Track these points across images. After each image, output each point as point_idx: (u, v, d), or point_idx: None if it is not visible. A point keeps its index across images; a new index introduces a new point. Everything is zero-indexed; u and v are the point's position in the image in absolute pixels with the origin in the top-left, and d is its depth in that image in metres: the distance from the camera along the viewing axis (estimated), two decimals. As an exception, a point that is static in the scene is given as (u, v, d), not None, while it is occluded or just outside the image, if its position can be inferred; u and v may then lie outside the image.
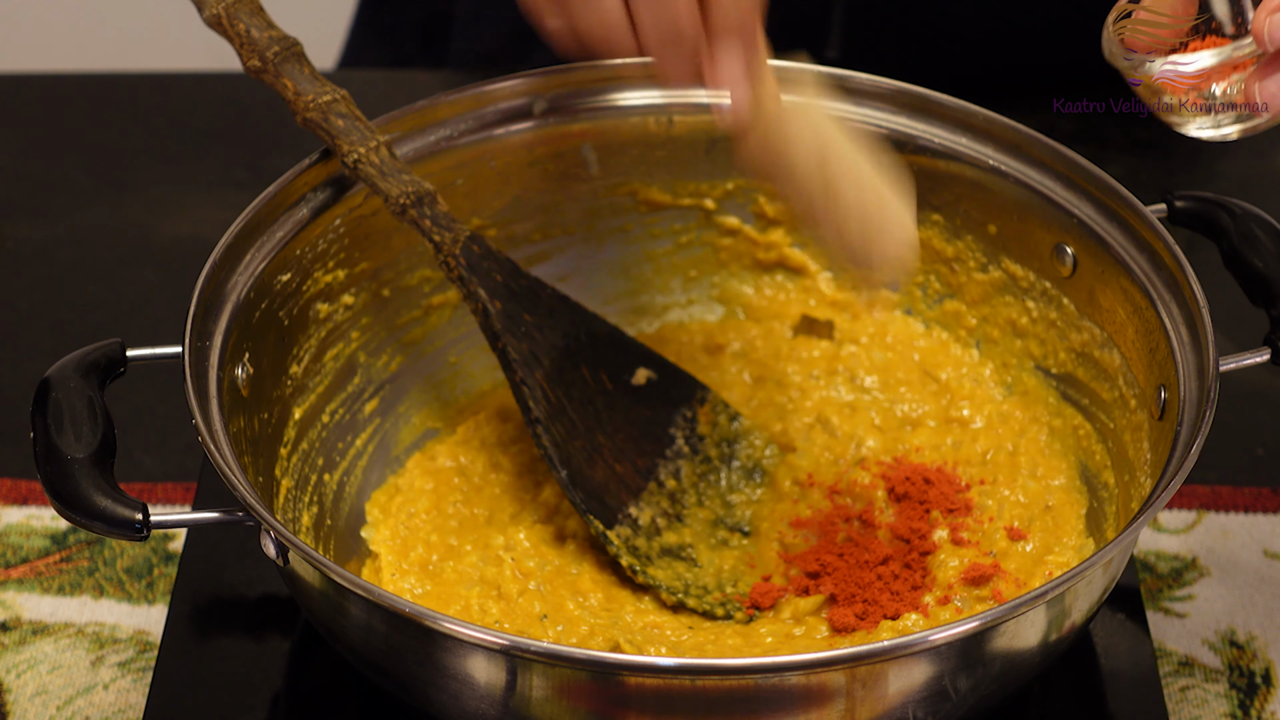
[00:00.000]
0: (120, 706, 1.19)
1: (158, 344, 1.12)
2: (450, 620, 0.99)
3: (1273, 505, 1.30)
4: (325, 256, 1.22)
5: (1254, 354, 1.13)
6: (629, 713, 1.01)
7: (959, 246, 1.28)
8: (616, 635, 1.13)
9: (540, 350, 1.20)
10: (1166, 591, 1.26)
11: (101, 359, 1.11)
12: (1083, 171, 1.21)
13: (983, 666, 1.03)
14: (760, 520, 1.23)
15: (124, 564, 1.27)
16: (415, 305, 1.28)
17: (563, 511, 1.22)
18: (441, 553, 1.19)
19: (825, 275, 1.33)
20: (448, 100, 1.25)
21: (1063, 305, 1.24)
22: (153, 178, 1.55)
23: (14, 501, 1.30)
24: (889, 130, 1.27)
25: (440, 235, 1.18)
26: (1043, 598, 1.01)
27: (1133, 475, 1.16)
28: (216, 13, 1.19)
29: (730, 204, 1.32)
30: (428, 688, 1.04)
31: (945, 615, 1.14)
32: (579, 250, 1.32)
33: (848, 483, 1.23)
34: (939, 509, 1.20)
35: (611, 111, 1.29)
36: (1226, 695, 1.20)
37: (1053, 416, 1.24)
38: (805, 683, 1.00)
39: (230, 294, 1.15)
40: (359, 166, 1.18)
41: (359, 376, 1.25)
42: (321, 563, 1.02)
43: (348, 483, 1.23)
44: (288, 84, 1.18)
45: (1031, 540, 1.18)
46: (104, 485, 1.04)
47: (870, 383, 1.29)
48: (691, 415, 1.26)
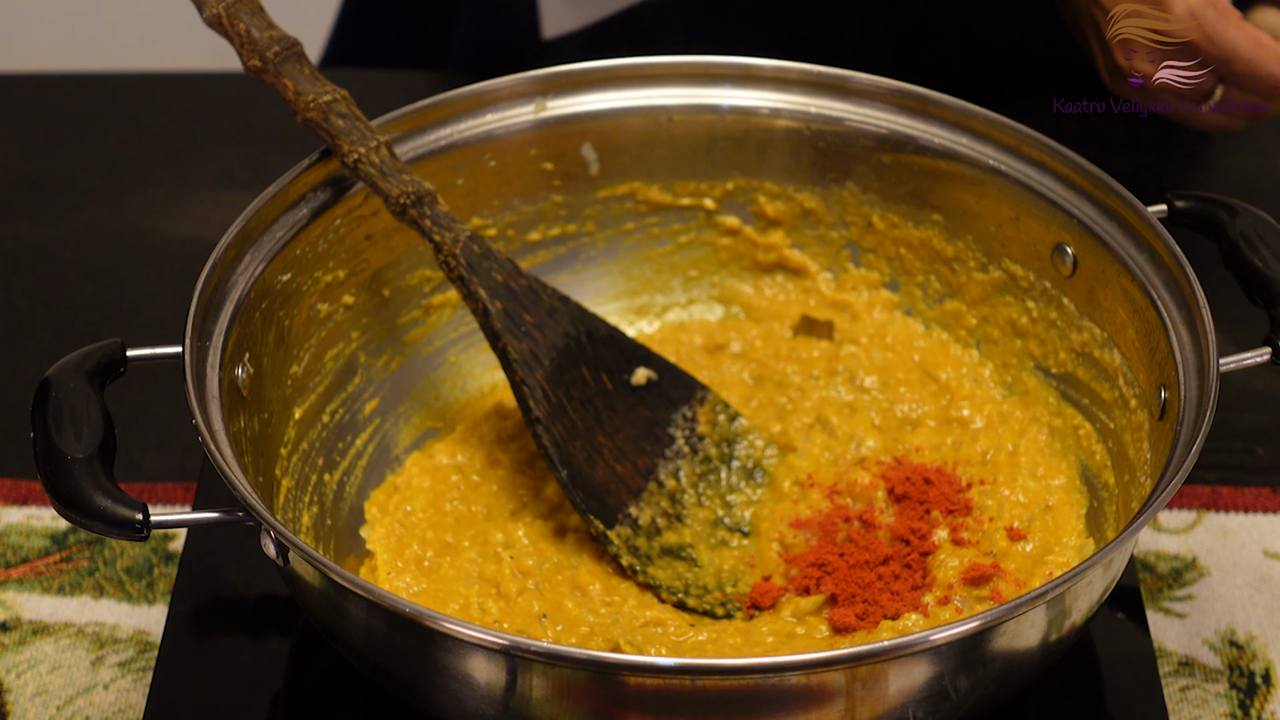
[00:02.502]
0: (120, 706, 1.19)
1: (158, 344, 1.12)
2: (450, 620, 0.99)
3: (1273, 505, 1.30)
4: (325, 256, 1.22)
5: (1254, 354, 1.13)
6: (629, 713, 1.01)
7: (959, 246, 1.28)
8: (616, 635, 1.13)
9: (540, 350, 1.20)
10: (1166, 591, 1.26)
11: (101, 359, 1.11)
12: (1083, 171, 1.21)
13: (983, 666, 1.03)
14: (760, 520, 1.23)
15: (124, 564, 1.27)
16: (415, 305, 1.28)
17: (564, 508, 1.22)
18: (438, 550, 1.19)
19: (825, 275, 1.33)
20: (448, 100, 1.25)
21: (1063, 305, 1.24)
22: (153, 178, 1.55)
23: (14, 501, 1.30)
24: (889, 130, 1.27)
25: (440, 235, 1.18)
26: (1043, 598, 1.01)
27: (1133, 475, 1.16)
28: (216, 13, 1.19)
29: (730, 204, 1.32)
30: (428, 688, 1.04)
31: (945, 615, 1.14)
32: (579, 250, 1.32)
33: (848, 483, 1.23)
34: (939, 509, 1.20)
35: (611, 111, 1.29)
36: (1226, 695, 1.20)
37: (1053, 416, 1.24)
38: (805, 683, 1.00)
39: (230, 294, 1.15)
40: (359, 166, 1.18)
41: (359, 376, 1.25)
42: (321, 562, 1.02)
43: (348, 482, 1.23)
44: (288, 84, 1.18)
45: (1031, 540, 1.18)
46: (104, 485, 1.04)
47: (870, 383, 1.29)
48: (691, 415, 1.26)
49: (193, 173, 1.55)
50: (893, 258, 1.31)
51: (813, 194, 1.31)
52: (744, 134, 1.30)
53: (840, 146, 1.29)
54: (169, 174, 1.55)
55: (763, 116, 1.29)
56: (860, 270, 1.32)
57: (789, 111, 1.29)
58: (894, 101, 1.27)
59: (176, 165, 1.56)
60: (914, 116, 1.27)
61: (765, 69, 1.29)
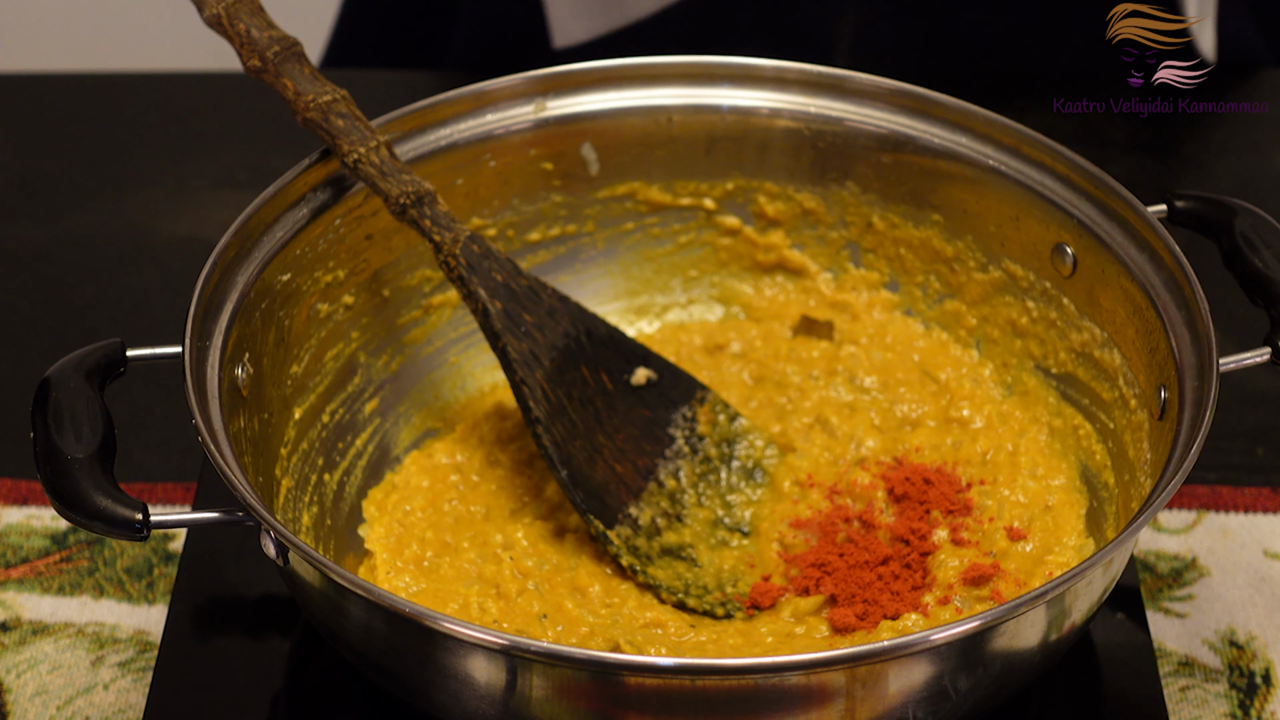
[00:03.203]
0: (120, 706, 1.19)
1: (158, 344, 1.12)
2: (450, 620, 0.99)
3: (1273, 505, 1.30)
4: (325, 256, 1.22)
5: (1254, 354, 1.13)
6: (629, 713, 1.01)
7: (959, 246, 1.28)
8: (616, 635, 1.13)
9: (540, 350, 1.20)
10: (1166, 591, 1.25)
11: (101, 359, 1.11)
12: (1083, 171, 1.21)
13: (983, 666, 1.03)
14: (760, 520, 1.23)
15: (124, 564, 1.27)
16: (415, 305, 1.28)
17: (564, 508, 1.22)
18: (437, 550, 1.19)
19: (825, 276, 1.33)
20: (448, 100, 1.25)
21: (1063, 305, 1.24)
22: (153, 178, 1.55)
23: (14, 501, 1.30)
24: (889, 130, 1.27)
25: (440, 235, 1.18)
26: (1043, 598, 1.01)
27: (1133, 475, 1.16)
28: (216, 13, 1.19)
29: (730, 204, 1.32)
30: (428, 688, 1.04)
31: (945, 615, 1.14)
32: (579, 250, 1.32)
33: (847, 483, 1.23)
34: (939, 509, 1.20)
35: (611, 111, 1.29)
36: (1226, 695, 1.20)
37: (1053, 416, 1.24)
38: (805, 683, 1.00)
39: (230, 294, 1.15)
40: (359, 166, 1.18)
41: (359, 376, 1.25)
42: (321, 562, 1.02)
43: (348, 482, 1.23)
44: (288, 84, 1.18)
45: (1031, 540, 1.18)
46: (104, 485, 1.04)
47: (870, 383, 1.29)
48: (691, 415, 1.26)
49: (193, 173, 1.55)
50: (893, 258, 1.31)
51: (813, 194, 1.31)
52: (744, 134, 1.30)
53: (840, 146, 1.29)
54: (169, 174, 1.55)
55: (762, 116, 1.29)
56: (860, 270, 1.32)
57: (789, 111, 1.29)
58: (894, 101, 1.27)
59: (176, 165, 1.56)
60: (914, 116, 1.27)
61: (765, 69, 1.29)
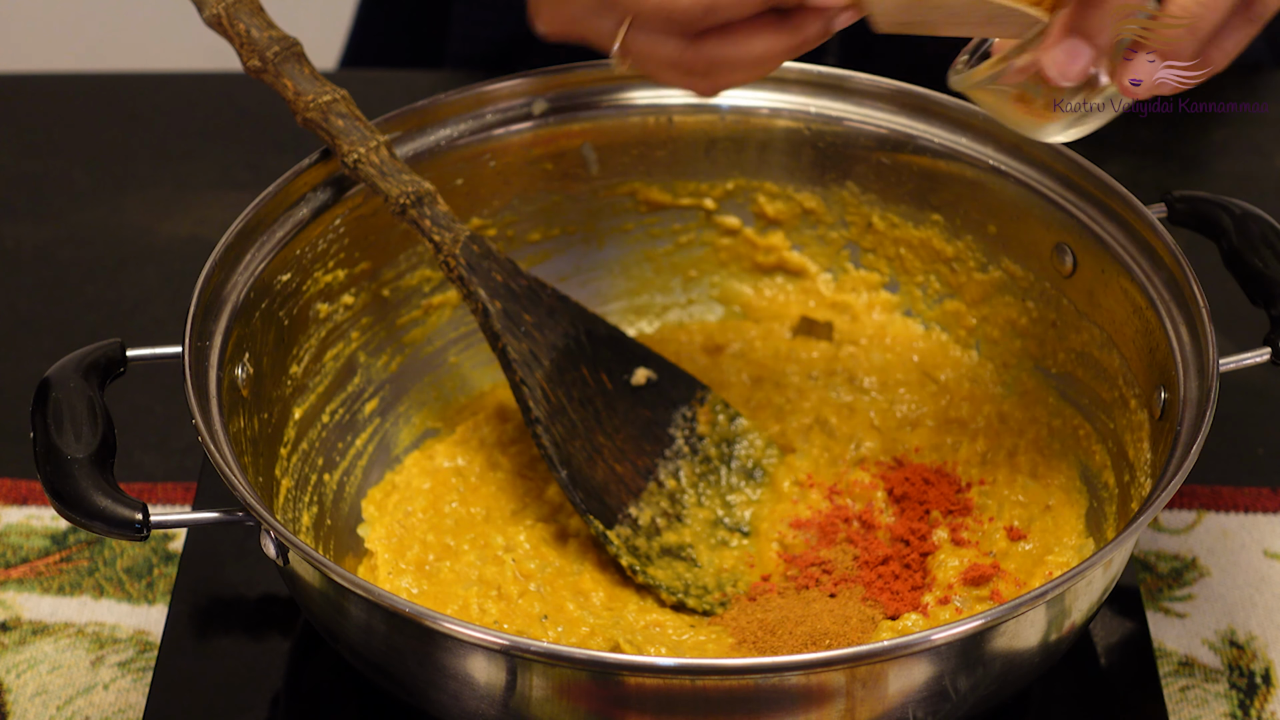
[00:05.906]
0: (120, 706, 1.19)
1: (158, 344, 1.12)
2: (450, 620, 0.99)
3: (1273, 505, 1.30)
4: (325, 256, 1.22)
5: (1254, 354, 1.13)
6: (629, 713, 1.01)
7: (959, 246, 1.28)
8: (617, 635, 1.13)
9: (540, 350, 1.20)
10: (1166, 591, 1.26)
11: (101, 359, 1.11)
12: (1083, 171, 1.21)
13: (983, 666, 1.03)
14: (760, 520, 1.23)
15: (124, 564, 1.27)
16: (415, 305, 1.28)
17: (566, 510, 1.22)
18: (438, 552, 1.19)
19: (825, 276, 1.33)
20: (448, 100, 1.25)
21: (1063, 305, 1.24)
22: (153, 178, 1.55)
23: (14, 501, 1.30)
24: (889, 130, 1.27)
25: (440, 235, 1.18)
26: (1043, 598, 1.01)
27: (1133, 475, 1.16)
28: (216, 13, 1.19)
29: (730, 204, 1.32)
30: (428, 688, 1.04)
31: (945, 615, 1.14)
32: (579, 250, 1.32)
33: (847, 483, 1.23)
34: (939, 509, 1.20)
35: (611, 111, 1.29)
36: (1226, 695, 1.20)
37: (1053, 416, 1.24)
38: (805, 683, 1.00)
39: (230, 294, 1.15)
40: (359, 166, 1.18)
41: (359, 376, 1.25)
42: (321, 563, 1.02)
43: (348, 483, 1.23)
44: (288, 84, 1.18)
45: (1031, 540, 1.18)
46: (104, 485, 1.04)
47: (869, 383, 1.29)
48: (691, 415, 1.26)
49: (193, 173, 1.55)
50: (892, 258, 1.31)
51: (813, 194, 1.31)
52: (744, 134, 1.30)
53: (840, 146, 1.29)
54: (169, 174, 1.55)
55: (762, 116, 1.29)
56: (860, 271, 1.32)
57: (789, 111, 1.29)
58: (894, 101, 1.27)
59: (176, 165, 1.56)
60: (914, 116, 1.27)
61: (765, 69, 1.29)
